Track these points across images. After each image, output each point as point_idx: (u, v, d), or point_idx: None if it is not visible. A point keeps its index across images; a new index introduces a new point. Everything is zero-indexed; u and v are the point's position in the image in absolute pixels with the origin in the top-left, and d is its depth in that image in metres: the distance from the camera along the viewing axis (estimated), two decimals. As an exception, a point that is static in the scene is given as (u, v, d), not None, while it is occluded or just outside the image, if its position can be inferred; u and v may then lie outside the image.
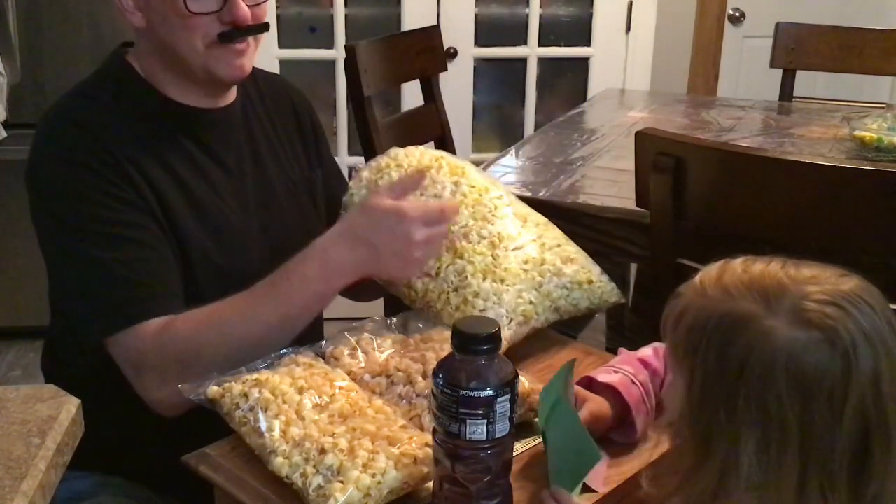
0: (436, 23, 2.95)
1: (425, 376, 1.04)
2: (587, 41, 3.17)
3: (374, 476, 0.89)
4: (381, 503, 0.89)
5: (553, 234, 1.28)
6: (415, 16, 2.99)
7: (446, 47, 2.82)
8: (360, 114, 2.19)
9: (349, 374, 1.08)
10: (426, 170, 1.28)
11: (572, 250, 1.26)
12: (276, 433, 0.95)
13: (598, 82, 3.14)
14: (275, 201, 1.35)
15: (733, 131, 2.22)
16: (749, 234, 1.33)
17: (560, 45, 3.20)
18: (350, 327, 1.16)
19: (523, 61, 3.17)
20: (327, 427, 0.96)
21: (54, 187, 1.19)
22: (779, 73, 2.79)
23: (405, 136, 2.26)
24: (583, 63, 3.20)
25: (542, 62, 3.19)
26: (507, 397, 0.84)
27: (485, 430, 0.84)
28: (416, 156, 1.31)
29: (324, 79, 3.08)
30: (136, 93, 1.25)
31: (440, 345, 1.10)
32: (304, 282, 1.13)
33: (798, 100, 2.74)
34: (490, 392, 0.83)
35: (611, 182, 1.82)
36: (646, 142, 1.41)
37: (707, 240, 1.39)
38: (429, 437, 0.91)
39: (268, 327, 1.12)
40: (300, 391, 1.00)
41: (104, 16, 2.75)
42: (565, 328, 1.29)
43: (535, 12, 3.10)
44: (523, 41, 3.14)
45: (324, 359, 1.11)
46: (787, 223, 1.32)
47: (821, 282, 0.79)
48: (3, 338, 3.02)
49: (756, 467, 0.77)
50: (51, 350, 1.35)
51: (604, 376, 1.05)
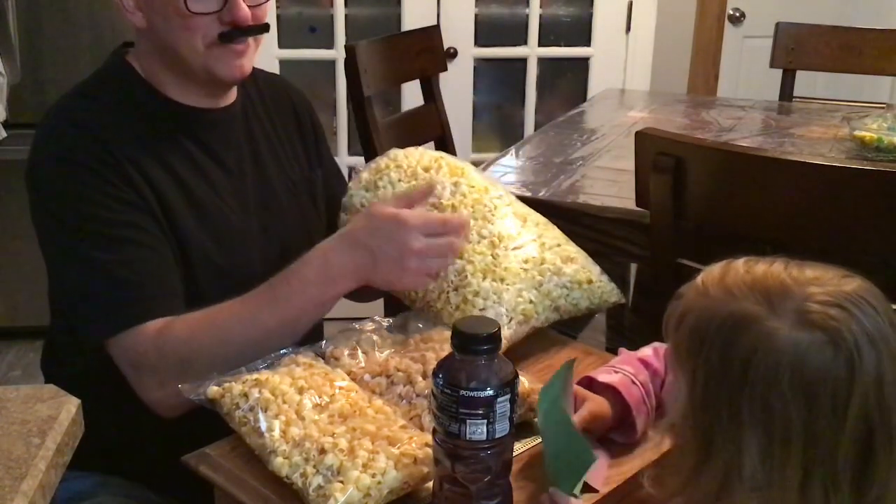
0: (436, 23, 2.95)
1: (425, 376, 1.04)
2: (587, 41, 3.17)
3: (374, 476, 0.89)
4: (381, 503, 0.89)
5: (553, 233, 1.28)
6: (415, 16, 2.99)
7: (446, 47, 2.82)
8: (360, 114, 2.19)
9: (349, 374, 1.08)
10: (425, 170, 1.28)
11: (572, 250, 1.26)
12: (276, 433, 0.95)
13: (598, 82, 3.14)
14: (275, 201, 1.35)
15: (733, 131, 2.22)
16: (749, 234, 1.33)
17: (560, 45, 3.20)
18: (350, 327, 1.16)
19: (523, 61, 3.17)
20: (327, 427, 0.96)
21: (54, 187, 1.19)
22: (779, 73, 2.79)
23: (405, 136, 2.26)
24: (583, 63, 3.20)
25: (542, 62, 3.19)
26: (507, 397, 0.84)
27: (485, 430, 0.84)
28: (415, 157, 1.31)
29: (324, 79, 3.08)
30: (136, 93, 1.25)
31: (440, 345, 1.10)
32: (302, 285, 1.13)
33: (798, 100, 2.74)
34: (490, 392, 0.83)
35: (611, 182, 1.82)
36: (646, 142, 1.41)
37: (707, 240, 1.39)
38: (429, 437, 0.91)
39: (266, 330, 1.12)
40: (300, 391, 1.00)
41: (104, 16, 2.75)
42: (565, 328, 1.29)
43: (535, 12, 3.10)
44: (523, 41, 3.14)
45: (324, 359, 1.11)
46: (787, 223, 1.32)
47: (824, 283, 0.79)
48: (3, 338, 3.02)
49: (759, 468, 0.76)
50: (51, 350, 1.35)
51: (604, 376, 1.05)
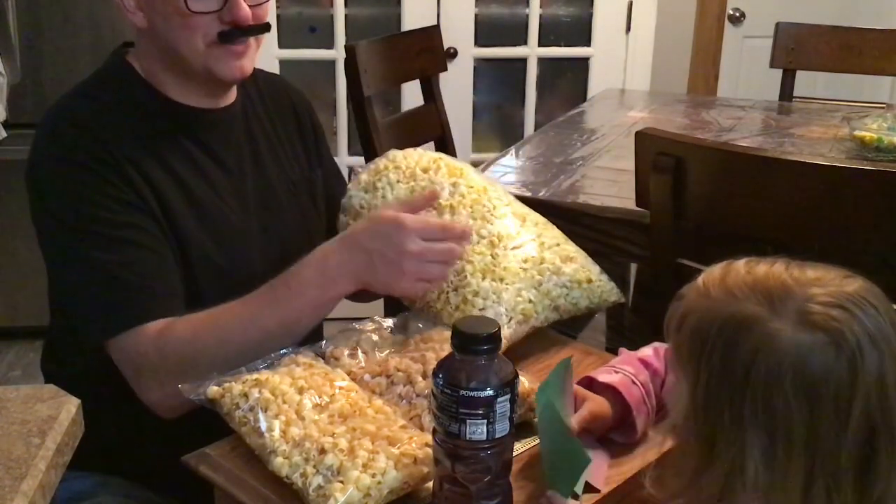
0: (436, 23, 2.95)
1: (425, 376, 1.04)
2: (587, 41, 3.17)
3: (374, 476, 0.89)
4: (381, 503, 0.89)
5: (552, 233, 1.28)
6: (415, 16, 2.99)
7: (446, 47, 2.82)
8: (360, 114, 2.19)
9: (349, 374, 1.08)
10: (424, 171, 1.29)
11: (571, 249, 1.26)
12: (276, 433, 0.95)
13: (598, 82, 3.14)
14: (275, 201, 1.35)
15: (733, 131, 2.22)
16: (749, 234, 1.33)
17: (560, 45, 3.20)
18: (350, 327, 1.16)
19: (523, 61, 3.17)
20: (327, 427, 0.96)
21: (54, 187, 1.19)
22: (779, 73, 2.79)
23: (405, 136, 2.26)
24: (583, 63, 3.20)
25: (542, 62, 3.19)
26: (507, 397, 0.84)
27: (485, 430, 0.84)
28: (414, 158, 1.31)
29: (324, 79, 3.08)
30: (136, 93, 1.25)
31: (440, 345, 1.10)
32: (301, 286, 1.13)
33: (798, 100, 2.74)
34: (490, 392, 0.83)
35: (611, 182, 1.82)
36: (646, 142, 1.41)
37: (707, 240, 1.39)
38: (429, 437, 0.91)
39: (266, 331, 1.12)
40: (300, 391, 1.00)
41: (104, 16, 2.75)
42: (565, 328, 1.29)
43: (535, 12, 3.10)
44: (523, 41, 3.14)
45: (324, 359, 1.11)
46: (787, 223, 1.31)
47: (825, 283, 0.79)
48: (3, 338, 3.02)
49: (762, 470, 0.76)
50: (51, 350, 1.35)
51: (604, 376, 1.05)
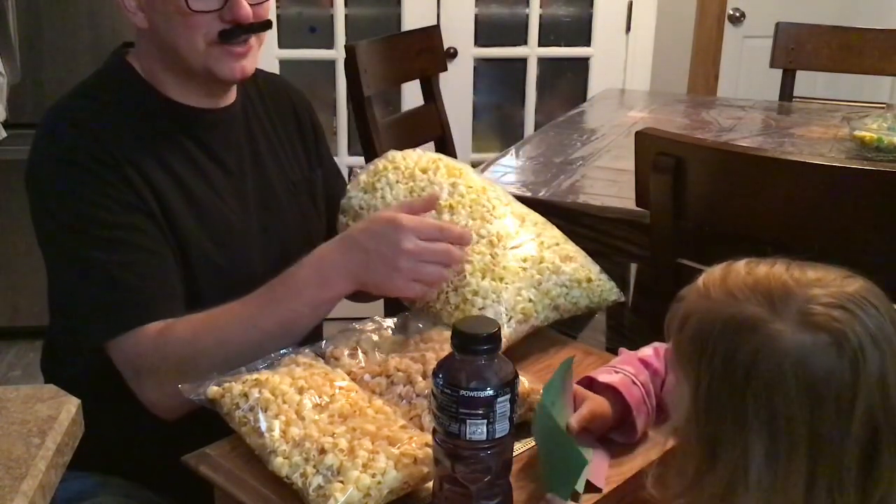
0: (436, 23, 2.95)
1: (425, 376, 1.04)
2: (587, 41, 3.17)
3: (374, 476, 0.89)
4: (381, 503, 0.89)
5: (552, 232, 1.28)
6: (415, 16, 2.99)
7: (446, 47, 2.82)
8: (360, 114, 2.19)
9: (349, 374, 1.08)
10: (423, 172, 1.29)
11: (571, 249, 1.26)
12: (276, 433, 0.95)
13: (598, 82, 3.14)
14: (275, 201, 1.35)
15: (733, 131, 2.22)
16: (749, 234, 1.33)
17: (560, 45, 3.20)
18: (350, 327, 1.16)
19: (523, 61, 3.17)
20: (327, 427, 0.96)
21: (54, 188, 1.19)
22: (779, 73, 2.79)
23: (405, 136, 2.26)
24: (583, 63, 3.20)
25: (542, 62, 3.19)
26: (507, 397, 0.84)
27: (485, 430, 0.84)
28: (413, 158, 1.31)
29: (324, 79, 3.08)
30: (136, 93, 1.25)
31: (440, 345, 1.10)
32: (298, 286, 1.13)
33: (798, 100, 2.74)
34: (490, 392, 0.83)
35: (611, 182, 1.82)
36: (646, 142, 1.40)
37: (707, 240, 1.39)
38: (429, 437, 0.91)
39: (265, 332, 1.12)
40: (300, 391, 1.00)
41: (104, 16, 2.75)
42: (565, 328, 1.28)
43: (535, 12, 3.10)
44: (523, 41, 3.14)
45: (324, 359, 1.11)
46: (787, 223, 1.31)
47: (826, 284, 0.79)
48: (3, 338, 3.02)
49: (764, 471, 0.76)
50: (50, 350, 1.35)
51: (605, 376, 1.05)
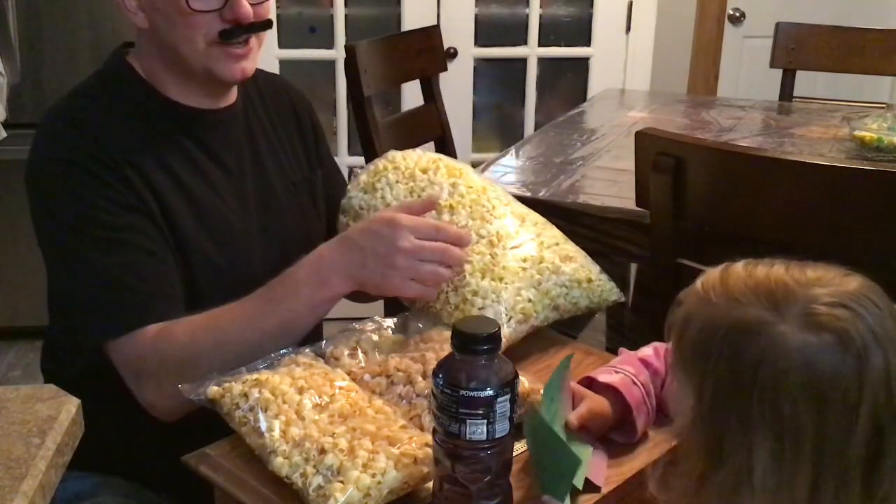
0: (436, 23, 2.95)
1: (425, 376, 1.04)
2: (587, 41, 3.17)
3: (374, 476, 0.89)
4: (381, 503, 0.89)
5: (551, 232, 1.28)
6: (415, 16, 2.99)
7: (446, 47, 2.82)
8: (360, 114, 2.19)
9: (349, 374, 1.08)
10: (423, 172, 1.29)
11: (571, 249, 1.26)
12: (276, 433, 0.95)
13: (598, 82, 3.14)
14: (275, 201, 1.35)
15: (733, 131, 2.22)
16: (749, 234, 1.33)
17: (560, 45, 3.20)
18: (350, 327, 1.16)
19: (523, 61, 3.17)
20: (327, 427, 0.96)
21: (54, 189, 1.19)
22: (779, 73, 2.79)
23: (405, 136, 2.26)
24: (583, 63, 3.20)
25: (542, 62, 3.19)
26: (507, 397, 0.84)
27: (485, 430, 0.84)
28: (413, 158, 1.32)
29: (324, 79, 3.08)
30: (136, 93, 1.25)
31: (440, 345, 1.10)
32: (296, 286, 1.13)
33: (798, 100, 2.74)
34: (490, 392, 0.83)
35: (611, 182, 1.82)
36: (646, 142, 1.40)
37: (707, 240, 1.39)
38: (429, 437, 0.91)
39: (263, 333, 1.12)
40: (300, 391, 1.00)
41: (104, 16, 2.75)
42: (565, 328, 1.28)
43: (535, 12, 3.10)
44: (523, 41, 3.14)
45: (324, 359, 1.11)
46: (787, 223, 1.31)
47: (826, 283, 0.78)
48: (3, 338, 3.02)
49: (769, 473, 0.76)
50: (50, 350, 1.35)
51: (605, 376, 1.05)
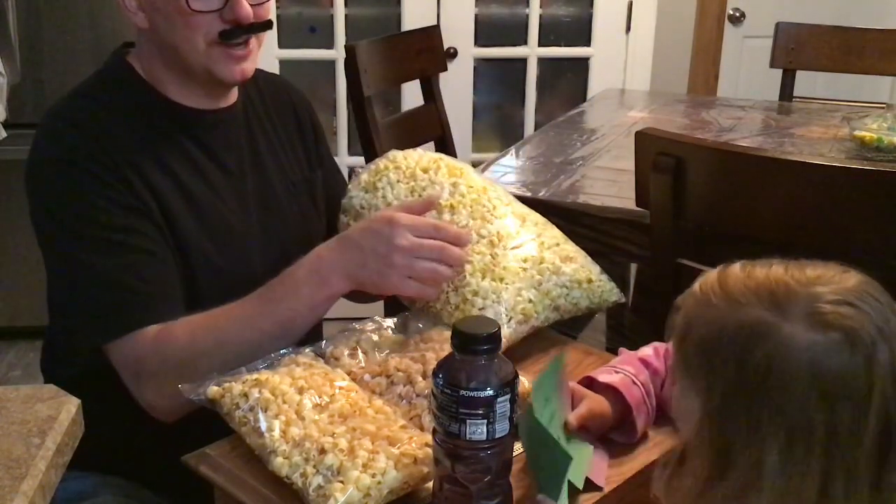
0: (436, 23, 2.95)
1: (425, 376, 1.04)
2: (587, 41, 3.17)
3: (374, 476, 0.89)
4: (381, 503, 0.89)
5: (552, 233, 1.28)
6: (415, 16, 2.99)
7: (446, 47, 2.82)
8: (360, 114, 2.19)
9: (349, 374, 1.08)
10: (424, 171, 1.29)
11: (571, 249, 1.26)
12: (276, 433, 0.95)
13: (598, 82, 3.14)
14: (275, 202, 1.35)
15: (733, 131, 2.22)
16: (749, 234, 1.33)
17: (560, 45, 3.20)
18: (350, 327, 1.16)
19: (523, 61, 3.17)
20: (327, 427, 0.96)
21: (53, 189, 1.19)
22: (779, 73, 2.79)
23: (405, 136, 2.26)
24: (583, 63, 3.20)
25: (542, 62, 3.18)
26: (507, 397, 0.84)
27: (485, 430, 0.84)
28: (414, 158, 1.32)
29: (324, 79, 3.08)
30: (136, 94, 1.25)
31: (440, 345, 1.10)
32: (295, 286, 1.13)
33: (798, 100, 2.74)
34: (490, 392, 0.83)
35: (611, 182, 1.82)
36: (646, 142, 1.40)
37: (707, 240, 1.39)
38: (429, 437, 0.91)
39: (262, 333, 1.12)
40: (300, 391, 1.00)
41: (104, 16, 2.75)
42: (565, 328, 1.28)
43: (535, 12, 3.10)
44: (523, 41, 3.14)
45: (324, 359, 1.11)
46: (787, 223, 1.31)
47: (827, 281, 0.78)
48: (3, 338, 3.02)
49: (779, 474, 0.75)
50: (50, 350, 1.35)
51: (605, 376, 1.05)
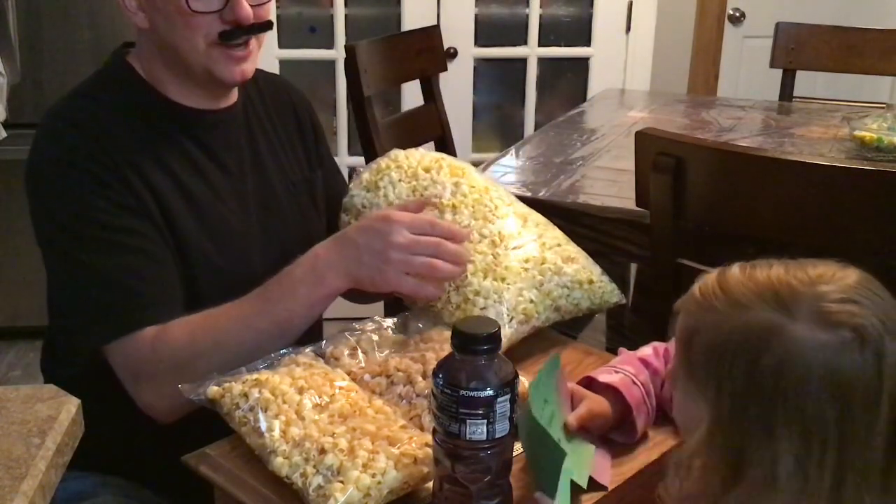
0: (436, 23, 2.95)
1: (425, 376, 1.04)
2: (587, 41, 3.17)
3: (374, 476, 0.89)
4: (381, 503, 0.89)
5: (553, 233, 1.28)
6: (415, 16, 2.99)
7: (446, 47, 2.82)
8: (360, 114, 2.19)
9: (349, 374, 1.08)
10: (426, 171, 1.29)
11: (573, 250, 1.27)
12: (276, 433, 0.95)
13: (598, 82, 3.14)
14: (275, 202, 1.35)
15: (733, 131, 2.22)
16: (749, 234, 1.33)
17: (560, 45, 3.20)
18: (350, 327, 1.16)
19: (523, 61, 3.17)
20: (327, 427, 0.96)
21: (53, 190, 1.19)
22: (779, 73, 2.79)
23: (405, 136, 2.26)
24: (583, 63, 3.20)
25: (542, 62, 3.19)
26: (507, 397, 0.84)
27: (485, 430, 0.84)
28: (416, 157, 1.32)
29: (324, 79, 3.08)
30: (136, 94, 1.25)
31: (440, 345, 1.10)
32: (292, 285, 1.13)
33: (798, 100, 2.74)
34: (490, 392, 0.83)
35: (611, 182, 1.82)
36: (646, 142, 1.40)
37: (707, 240, 1.39)
38: (429, 437, 0.91)
39: (261, 332, 1.12)
40: (300, 391, 1.00)
41: (104, 16, 2.75)
42: (565, 328, 1.29)
43: (535, 12, 3.10)
44: (523, 41, 3.14)
45: (324, 359, 1.11)
46: (787, 223, 1.31)
47: (829, 279, 0.77)
48: (3, 338, 3.02)
49: (794, 476, 0.74)
50: (50, 350, 1.35)
51: (605, 376, 1.05)
